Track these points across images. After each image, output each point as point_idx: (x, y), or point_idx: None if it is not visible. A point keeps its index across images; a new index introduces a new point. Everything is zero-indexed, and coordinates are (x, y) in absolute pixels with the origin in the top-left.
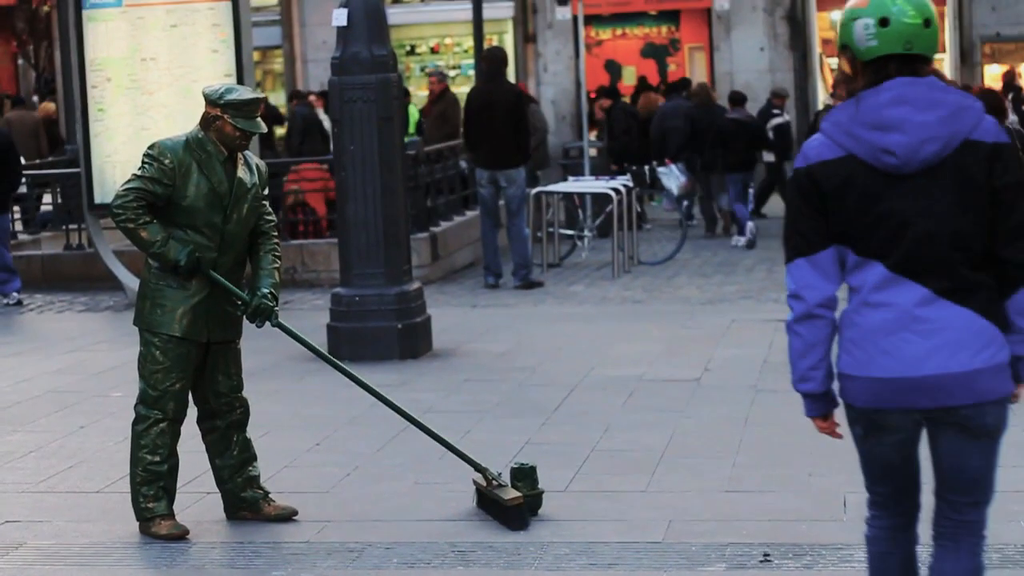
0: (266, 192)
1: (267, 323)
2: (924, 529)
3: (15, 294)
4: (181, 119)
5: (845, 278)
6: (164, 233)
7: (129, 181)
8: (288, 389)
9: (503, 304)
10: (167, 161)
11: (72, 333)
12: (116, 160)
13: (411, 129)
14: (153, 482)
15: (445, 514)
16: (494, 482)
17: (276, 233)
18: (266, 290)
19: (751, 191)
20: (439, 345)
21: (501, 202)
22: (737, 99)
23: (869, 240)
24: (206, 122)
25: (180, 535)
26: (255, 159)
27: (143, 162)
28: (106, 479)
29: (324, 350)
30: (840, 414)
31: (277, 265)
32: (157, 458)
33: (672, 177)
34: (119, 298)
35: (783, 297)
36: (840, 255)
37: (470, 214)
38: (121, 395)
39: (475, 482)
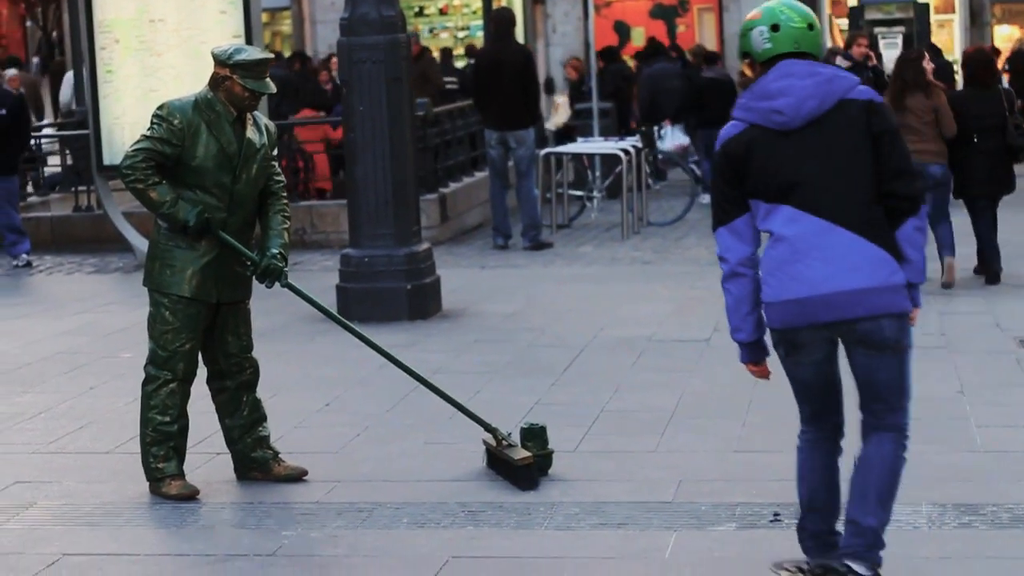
0: (275, 152)
1: (276, 283)
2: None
3: (24, 256)
4: (189, 80)
5: (760, 226)
6: (173, 194)
7: (138, 142)
8: (298, 350)
9: (512, 265)
10: (176, 121)
11: (81, 295)
12: (125, 122)
13: None
14: (163, 442)
15: (455, 474)
16: (504, 442)
17: (285, 194)
18: (275, 250)
19: None
20: (448, 306)
21: (510, 163)
22: (711, 58)
23: (773, 187)
24: (215, 82)
25: (190, 495)
26: (264, 119)
27: (152, 122)
28: (116, 440)
29: (333, 311)
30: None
31: (287, 226)
32: (167, 418)
33: (671, 138)
34: (128, 260)
35: None
36: (752, 216)
37: (479, 175)
38: (130, 356)
39: (485, 442)
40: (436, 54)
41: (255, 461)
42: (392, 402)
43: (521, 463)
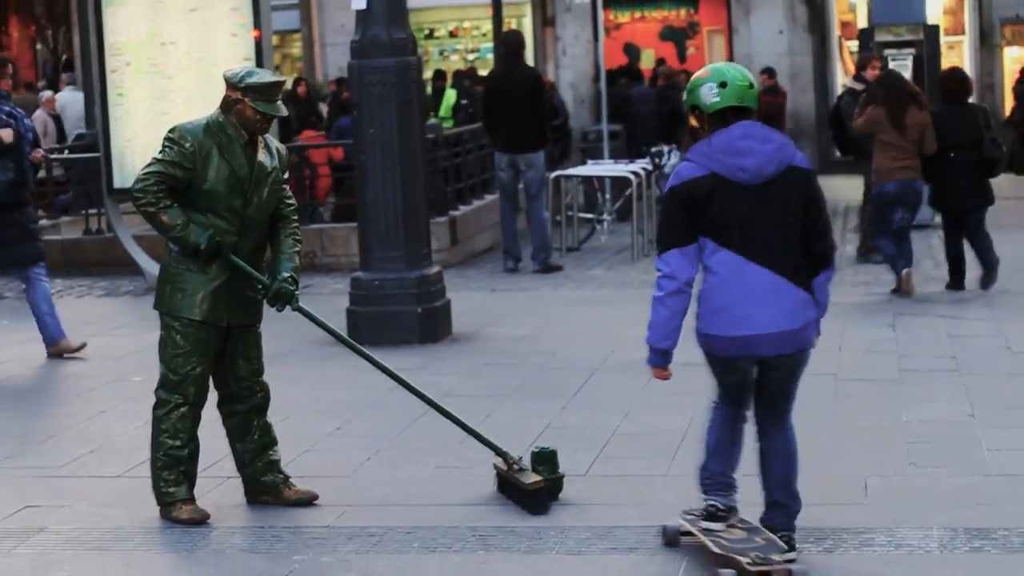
0: (286, 175)
1: (287, 307)
2: None
3: None
4: (200, 103)
5: (705, 261)
6: (184, 217)
7: (149, 165)
8: (309, 373)
9: (522, 288)
10: (187, 145)
11: (92, 318)
12: (135, 144)
13: (446, 112)
14: (174, 466)
15: (466, 498)
16: (515, 466)
17: (296, 217)
18: (286, 274)
19: None
20: (459, 329)
21: (520, 186)
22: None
23: (727, 234)
24: (227, 105)
25: (201, 519)
26: (275, 142)
27: (163, 145)
28: (126, 463)
29: (344, 334)
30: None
31: (297, 249)
32: (177, 442)
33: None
34: (138, 283)
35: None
36: (700, 246)
37: (489, 198)
38: (141, 380)
39: (496, 466)
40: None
41: (265, 485)
42: (403, 426)
43: (532, 487)
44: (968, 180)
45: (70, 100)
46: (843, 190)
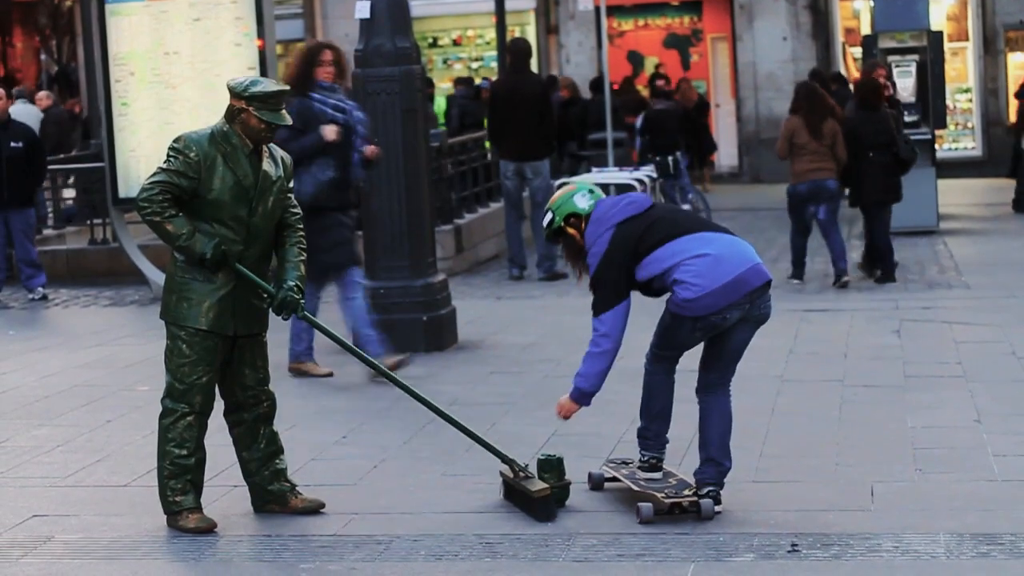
0: (291, 184)
1: (293, 316)
2: None
3: (40, 289)
4: (204, 113)
5: (672, 261)
6: (190, 226)
7: (155, 174)
8: (314, 382)
9: (528, 296)
10: (192, 154)
11: (97, 327)
12: (140, 154)
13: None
14: (180, 475)
15: (472, 506)
16: (521, 473)
17: (302, 226)
18: (292, 283)
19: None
20: (464, 337)
21: (525, 194)
22: (663, 92)
23: (669, 234)
24: (231, 114)
25: (208, 528)
26: (280, 151)
27: (168, 155)
28: (133, 473)
29: (349, 342)
30: None
31: (303, 258)
32: (184, 451)
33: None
34: (144, 292)
35: (808, 288)
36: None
37: (494, 206)
38: (147, 389)
39: (502, 474)
40: (448, 84)
41: (272, 494)
42: (409, 434)
43: (539, 495)
44: (883, 178)
45: (21, 113)
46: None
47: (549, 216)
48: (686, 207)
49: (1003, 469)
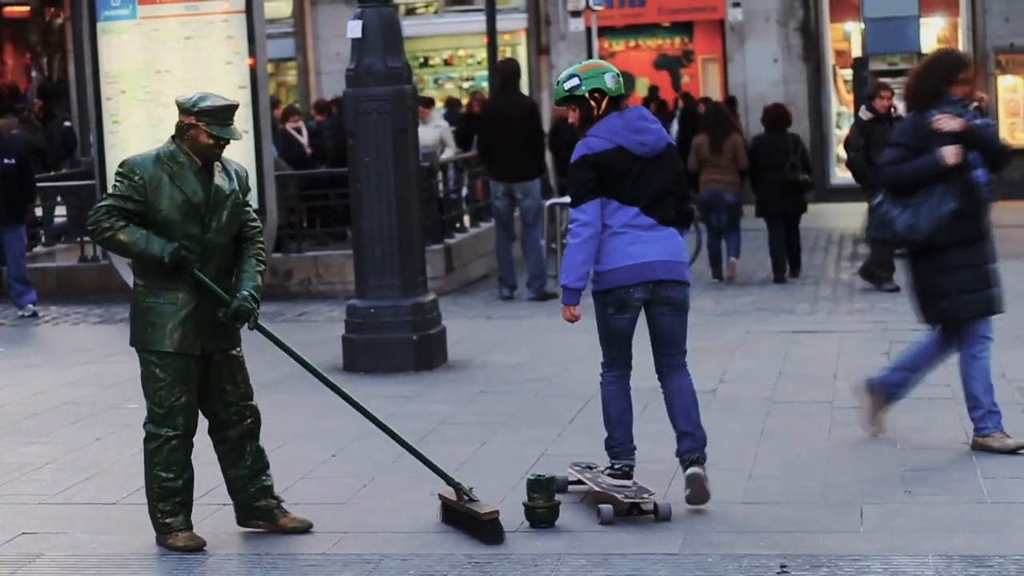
0: (247, 197)
1: (245, 325)
2: None
3: (30, 306)
4: None
5: (607, 220)
6: (142, 231)
7: (101, 200)
8: (303, 400)
9: (518, 315)
10: (136, 177)
11: (87, 345)
12: None
13: None
14: (169, 498)
15: None
16: (465, 496)
17: (262, 239)
18: (246, 292)
19: None
20: (454, 357)
21: (516, 214)
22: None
23: (627, 193)
24: (180, 131)
25: (197, 547)
26: (235, 164)
27: (115, 180)
28: (123, 490)
29: (339, 362)
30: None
31: (260, 268)
32: (171, 475)
33: None
34: None
35: (798, 309)
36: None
37: (484, 226)
38: (137, 406)
39: (441, 496)
40: (440, 104)
41: (259, 510)
42: (398, 453)
43: (488, 517)
44: (780, 192)
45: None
46: (838, 218)
47: (576, 81)
48: None
49: (992, 491)
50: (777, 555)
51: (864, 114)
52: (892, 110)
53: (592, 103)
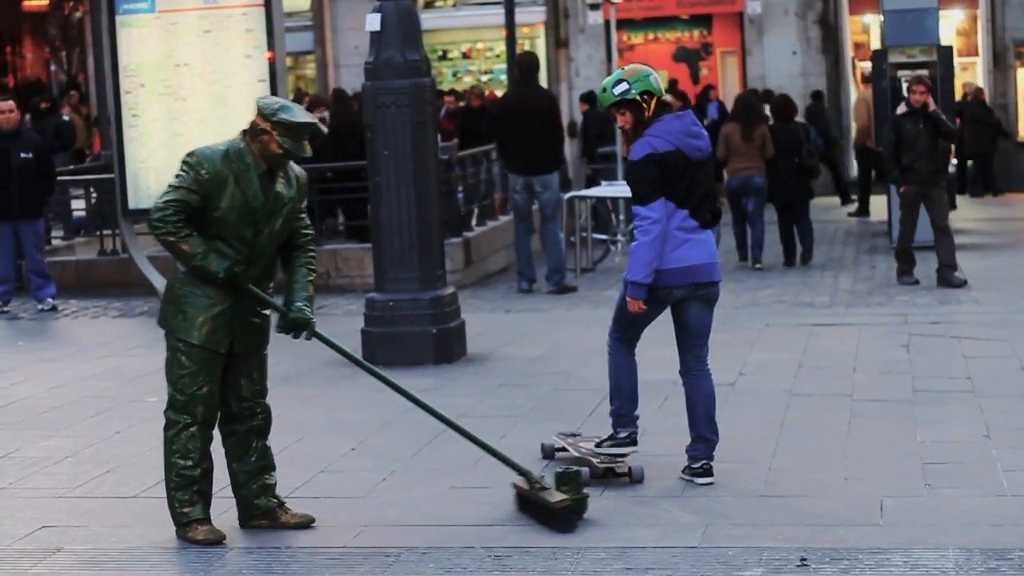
0: (304, 204)
1: (303, 336)
2: None
3: (50, 299)
4: (215, 125)
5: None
6: (204, 245)
7: (167, 192)
8: (322, 394)
9: (537, 309)
10: (203, 172)
11: (107, 338)
12: (150, 165)
13: None
14: (187, 487)
15: (481, 518)
16: (537, 485)
17: (313, 247)
18: (300, 303)
19: None
20: (473, 350)
21: (534, 207)
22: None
23: (681, 196)
24: (252, 132)
25: (217, 540)
26: (296, 169)
27: (181, 169)
28: (142, 484)
29: (359, 355)
30: None
31: (311, 278)
32: (189, 463)
33: None
34: (153, 303)
35: (817, 301)
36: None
37: (503, 219)
38: (156, 400)
39: (515, 485)
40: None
41: (258, 508)
42: (417, 446)
43: (558, 506)
44: (791, 179)
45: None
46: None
47: (625, 86)
48: None
49: (1012, 484)
50: (797, 548)
51: (901, 108)
52: (927, 105)
53: (644, 105)
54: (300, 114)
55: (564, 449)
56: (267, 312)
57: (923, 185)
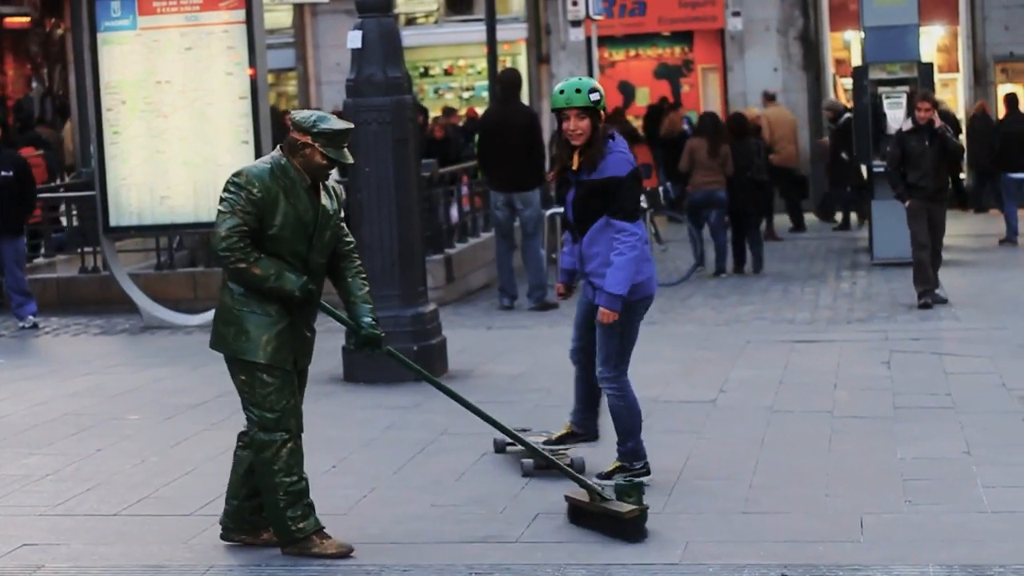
0: (343, 215)
1: (375, 351)
2: None
3: (31, 317)
4: (196, 142)
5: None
6: (275, 266)
7: (223, 220)
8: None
9: (518, 325)
10: (255, 191)
11: (88, 356)
12: (131, 183)
13: None
14: (297, 502)
15: (462, 536)
16: (598, 497)
17: (357, 253)
18: (369, 319)
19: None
20: (455, 367)
21: (516, 224)
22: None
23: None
24: (292, 148)
25: (347, 552)
26: (332, 182)
27: (229, 191)
28: (123, 501)
29: (340, 373)
30: None
31: (368, 288)
32: (294, 478)
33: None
34: (135, 321)
35: (798, 318)
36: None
37: (484, 236)
38: (137, 418)
39: (569, 497)
40: (438, 113)
41: (249, 524)
42: (399, 464)
43: (630, 515)
44: (744, 194)
45: None
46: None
47: (598, 96)
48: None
49: (993, 501)
50: (777, 565)
51: (905, 124)
52: (932, 123)
53: (600, 118)
54: (337, 122)
55: (514, 444)
56: (315, 327)
57: (927, 203)
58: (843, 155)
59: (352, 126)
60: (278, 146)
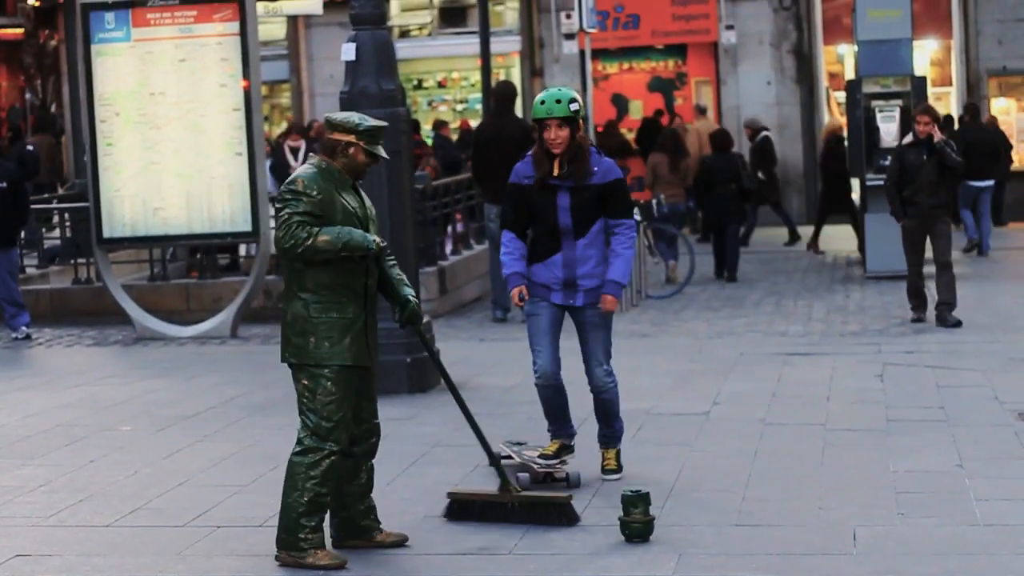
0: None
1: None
2: None
3: (24, 328)
4: (190, 154)
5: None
6: (337, 229)
7: (283, 220)
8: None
9: (511, 338)
10: (314, 192)
11: (81, 367)
12: (125, 194)
13: None
14: (316, 513)
15: (455, 548)
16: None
17: (389, 250)
18: (411, 296)
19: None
20: None
21: None
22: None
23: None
24: (333, 150)
25: (341, 565)
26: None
27: (287, 199)
28: (116, 512)
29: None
30: None
31: (403, 276)
32: (326, 490)
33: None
34: (128, 332)
35: (791, 330)
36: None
37: (478, 248)
38: (130, 429)
39: (454, 494)
40: (428, 126)
41: (363, 529)
42: (391, 476)
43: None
44: (725, 204)
45: None
46: (831, 240)
47: (577, 106)
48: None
49: (985, 514)
50: None
51: (906, 138)
52: (932, 137)
53: (579, 128)
54: (372, 119)
55: (510, 457)
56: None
57: (924, 219)
58: (759, 175)
59: (386, 123)
60: (309, 154)
